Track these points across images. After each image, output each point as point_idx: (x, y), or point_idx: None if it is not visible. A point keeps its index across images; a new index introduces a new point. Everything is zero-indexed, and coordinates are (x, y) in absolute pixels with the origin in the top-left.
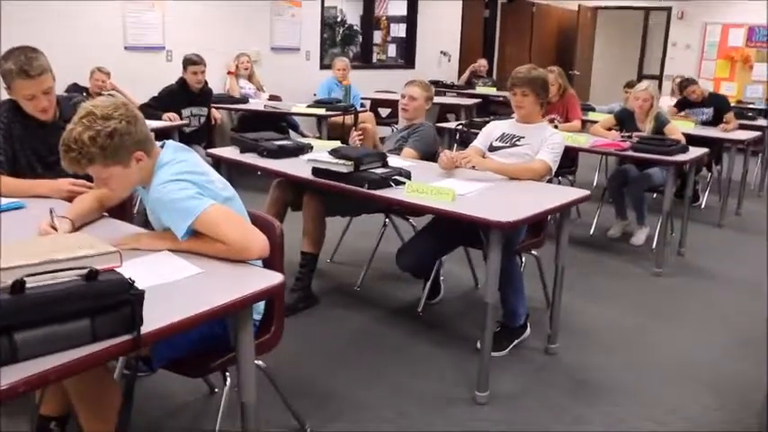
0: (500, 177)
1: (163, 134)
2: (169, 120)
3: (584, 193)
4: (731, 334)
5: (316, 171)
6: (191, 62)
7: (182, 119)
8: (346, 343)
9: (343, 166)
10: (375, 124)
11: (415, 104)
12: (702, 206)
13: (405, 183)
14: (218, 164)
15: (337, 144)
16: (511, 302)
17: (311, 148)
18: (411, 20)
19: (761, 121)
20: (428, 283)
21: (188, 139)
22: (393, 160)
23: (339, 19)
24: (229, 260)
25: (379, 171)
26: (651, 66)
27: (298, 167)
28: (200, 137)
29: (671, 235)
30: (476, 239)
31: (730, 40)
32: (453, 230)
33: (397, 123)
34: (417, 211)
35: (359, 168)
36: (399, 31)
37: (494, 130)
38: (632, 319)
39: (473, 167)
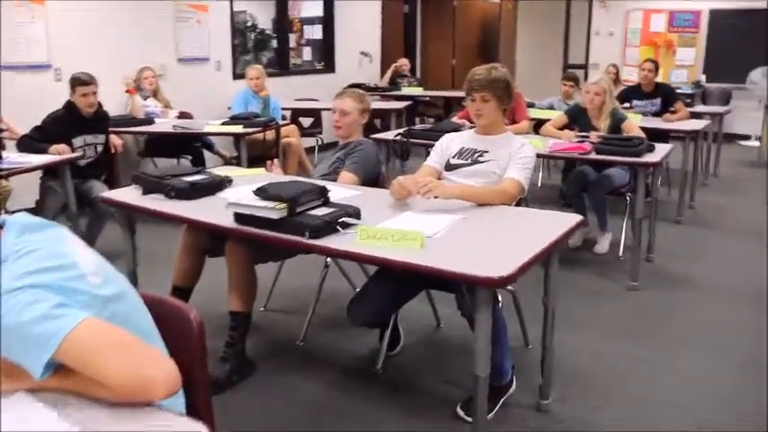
0: (466, 204)
1: (51, 170)
2: (57, 153)
3: (577, 218)
4: (730, 355)
5: (239, 218)
6: (79, 82)
7: (73, 150)
8: (296, 423)
9: (274, 211)
10: (300, 137)
11: (347, 120)
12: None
13: (355, 225)
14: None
15: (261, 172)
16: (496, 359)
17: (230, 181)
18: (327, 20)
19: (700, 107)
20: (386, 333)
21: (84, 173)
22: (335, 192)
23: (249, 23)
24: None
25: (321, 212)
26: (576, 56)
27: (216, 210)
28: (99, 169)
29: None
30: (446, 282)
31: (652, 25)
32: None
33: (321, 134)
34: (377, 264)
35: (294, 211)
36: (314, 33)
37: (449, 143)
38: (621, 347)
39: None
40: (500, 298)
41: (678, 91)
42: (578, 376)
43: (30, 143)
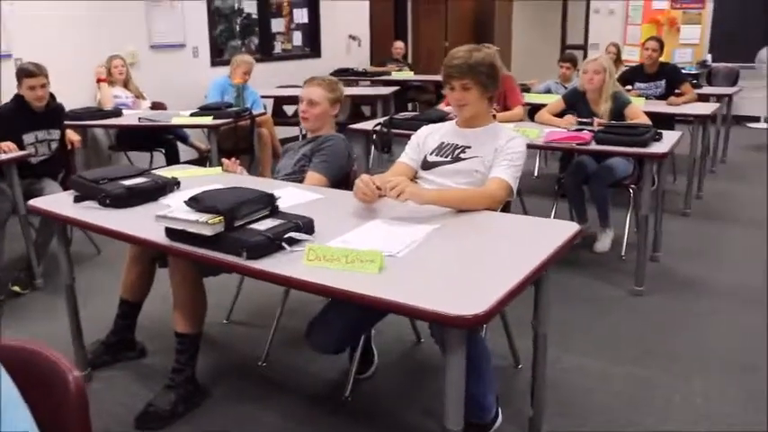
0: (443, 209)
1: None
2: (4, 151)
3: (574, 228)
4: (749, 376)
5: (171, 233)
6: (25, 73)
7: (23, 147)
8: None
9: (207, 226)
10: (272, 127)
11: (316, 111)
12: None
13: (305, 241)
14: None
15: (216, 171)
16: (477, 394)
17: (177, 184)
18: (313, 3)
19: (707, 89)
20: (356, 354)
21: (37, 172)
22: (289, 194)
23: (236, 8)
24: None
25: (264, 226)
26: (574, 35)
27: (154, 221)
28: (54, 167)
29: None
30: None
31: (654, 2)
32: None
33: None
34: (324, 295)
35: (232, 225)
36: (303, 16)
37: (427, 138)
38: (624, 367)
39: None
40: None
41: (683, 71)
42: (574, 404)
43: None
